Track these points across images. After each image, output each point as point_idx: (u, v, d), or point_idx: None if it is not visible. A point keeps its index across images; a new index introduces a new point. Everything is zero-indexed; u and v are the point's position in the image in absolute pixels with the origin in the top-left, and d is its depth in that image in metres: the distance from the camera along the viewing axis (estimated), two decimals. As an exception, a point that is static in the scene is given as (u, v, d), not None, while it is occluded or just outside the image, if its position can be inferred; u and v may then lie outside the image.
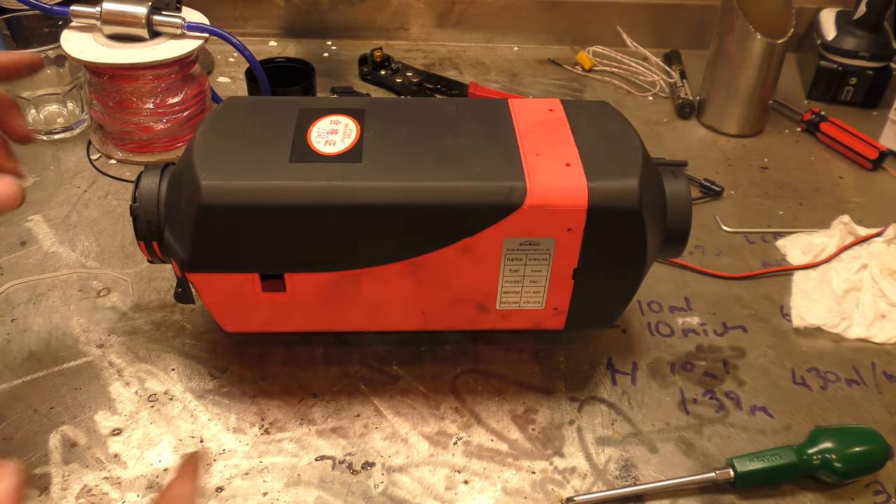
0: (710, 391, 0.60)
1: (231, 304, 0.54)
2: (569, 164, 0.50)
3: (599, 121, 0.55)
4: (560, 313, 0.55)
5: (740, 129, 0.90)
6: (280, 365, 0.60)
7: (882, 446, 0.53)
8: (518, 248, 0.51)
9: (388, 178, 0.49)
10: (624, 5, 1.04)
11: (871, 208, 0.80)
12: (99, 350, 0.60)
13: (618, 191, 0.49)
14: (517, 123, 0.54)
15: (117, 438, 0.54)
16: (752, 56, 0.85)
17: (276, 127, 0.52)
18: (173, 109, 0.78)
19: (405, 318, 0.55)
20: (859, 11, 0.93)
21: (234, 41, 0.78)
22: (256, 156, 0.50)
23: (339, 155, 0.50)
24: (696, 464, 0.54)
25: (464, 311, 0.55)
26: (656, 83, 0.98)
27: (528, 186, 0.49)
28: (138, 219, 0.52)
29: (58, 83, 0.81)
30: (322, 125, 0.53)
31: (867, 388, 0.61)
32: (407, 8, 1.04)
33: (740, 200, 0.80)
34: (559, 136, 0.53)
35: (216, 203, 0.48)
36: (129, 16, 0.75)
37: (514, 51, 1.06)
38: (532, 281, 0.53)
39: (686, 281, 0.70)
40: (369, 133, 0.52)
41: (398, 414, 0.57)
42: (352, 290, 0.53)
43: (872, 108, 0.95)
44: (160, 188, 0.53)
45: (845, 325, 0.65)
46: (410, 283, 0.52)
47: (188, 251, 0.50)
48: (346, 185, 0.49)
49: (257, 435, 0.55)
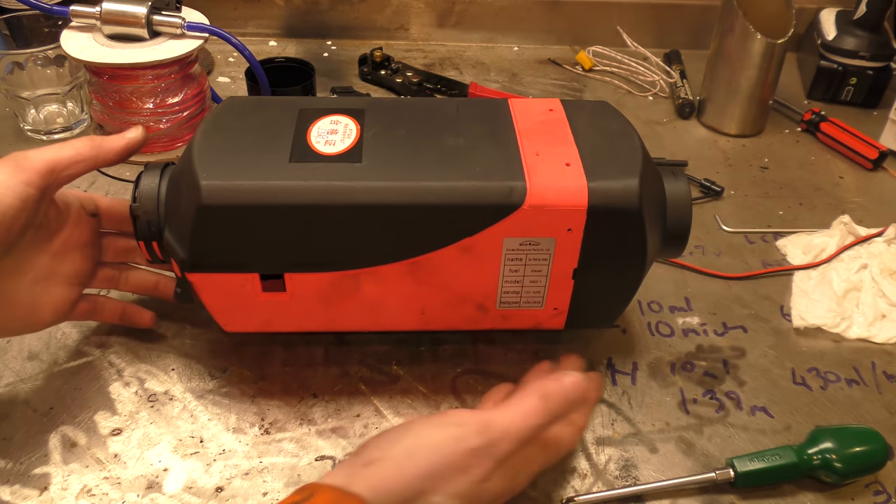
0: (710, 391, 0.60)
1: (231, 304, 0.54)
2: (569, 164, 0.50)
3: (599, 121, 0.55)
4: (560, 313, 0.55)
5: (740, 129, 0.90)
6: (280, 365, 0.60)
7: (882, 446, 0.53)
8: (518, 248, 0.51)
9: (388, 178, 0.49)
10: (624, 5, 1.04)
11: (871, 208, 0.80)
12: (99, 350, 0.60)
13: (618, 191, 0.49)
14: (517, 123, 0.54)
15: (117, 438, 0.54)
16: (752, 56, 0.85)
17: (276, 127, 0.52)
18: (173, 109, 0.78)
19: (405, 318, 0.55)
20: (859, 11, 0.93)
21: (234, 41, 0.78)
22: (256, 156, 0.50)
23: (339, 155, 0.50)
24: (696, 464, 0.54)
25: (464, 311, 0.55)
26: (656, 83, 0.98)
27: (528, 186, 0.49)
28: (138, 219, 0.52)
29: (58, 83, 0.81)
30: (322, 125, 0.53)
31: (867, 388, 0.61)
32: (407, 8, 1.04)
33: (740, 200, 0.80)
34: (559, 136, 0.53)
35: (216, 203, 0.48)
36: (129, 16, 0.75)
37: (514, 51, 1.06)
38: (532, 281, 0.53)
39: (686, 281, 0.70)
40: (369, 133, 0.52)
41: (398, 414, 0.57)
42: (352, 290, 0.53)
43: (872, 108, 0.96)
44: (160, 188, 0.52)
45: (845, 325, 0.65)
46: (410, 283, 0.52)
47: (188, 251, 0.50)
48: (346, 185, 0.49)
49: (257, 435, 0.55)
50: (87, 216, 0.57)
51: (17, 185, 0.48)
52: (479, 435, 0.40)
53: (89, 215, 0.57)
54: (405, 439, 0.40)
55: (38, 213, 0.51)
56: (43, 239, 0.53)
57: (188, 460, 0.53)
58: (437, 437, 0.40)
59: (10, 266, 0.51)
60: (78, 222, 0.56)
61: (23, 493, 0.50)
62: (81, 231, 0.56)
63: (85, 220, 0.56)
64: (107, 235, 0.59)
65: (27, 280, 0.53)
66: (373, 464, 0.38)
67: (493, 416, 0.42)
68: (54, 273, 0.54)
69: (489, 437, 0.40)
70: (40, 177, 0.49)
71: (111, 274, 0.60)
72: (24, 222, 0.49)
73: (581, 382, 0.46)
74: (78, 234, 0.56)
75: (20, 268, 0.52)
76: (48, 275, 0.54)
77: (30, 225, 0.51)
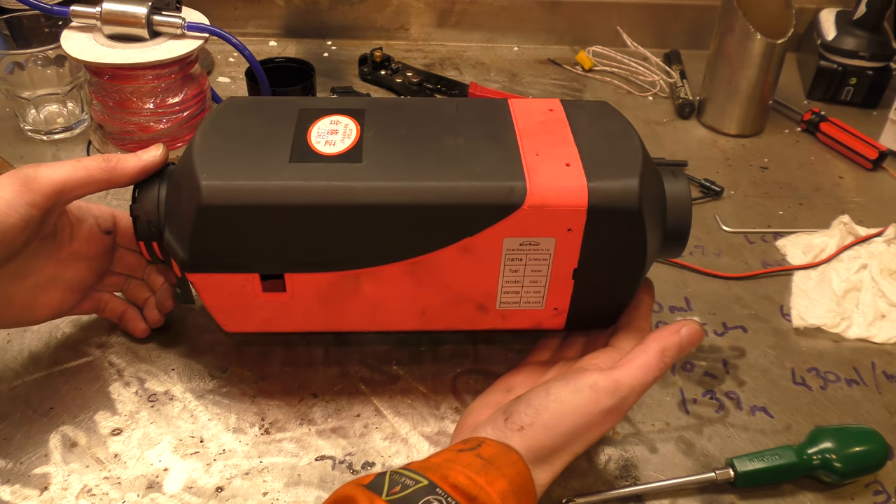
0: (710, 391, 0.60)
1: (231, 304, 0.54)
2: (569, 165, 0.50)
3: (599, 121, 0.55)
4: (560, 313, 0.55)
5: (740, 129, 0.90)
6: (280, 365, 0.60)
7: (882, 446, 0.53)
8: (518, 248, 0.51)
9: (387, 178, 0.49)
10: (624, 5, 1.04)
11: (871, 208, 0.80)
12: (99, 350, 0.60)
13: (618, 191, 0.49)
14: (517, 123, 0.54)
15: (117, 438, 0.54)
16: (752, 56, 0.85)
17: (276, 127, 0.52)
18: (173, 109, 0.78)
19: (405, 318, 0.55)
20: (859, 11, 0.93)
21: (234, 41, 0.78)
22: (256, 156, 0.50)
23: (339, 155, 0.50)
24: (696, 464, 0.54)
25: (464, 311, 0.55)
26: (656, 83, 0.98)
27: (528, 186, 0.49)
28: (138, 219, 0.52)
29: (58, 83, 0.81)
30: (322, 125, 0.53)
31: (867, 388, 0.61)
32: (407, 8, 1.04)
33: (740, 200, 0.80)
34: (559, 136, 0.53)
35: (216, 203, 0.48)
36: (129, 16, 0.75)
37: (514, 51, 1.06)
38: (532, 281, 0.53)
39: (686, 281, 0.70)
40: (369, 133, 0.52)
41: (398, 414, 0.57)
42: (352, 290, 0.53)
43: (872, 108, 0.96)
44: (160, 188, 0.53)
45: (845, 325, 0.65)
46: (410, 283, 0.52)
47: (188, 251, 0.50)
48: (346, 185, 0.49)
49: (257, 435, 0.55)
50: (101, 233, 0.57)
51: (22, 207, 0.48)
52: (611, 396, 0.46)
53: (103, 232, 0.57)
54: (550, 406, 0.46)
55: (44, 226, 0.51)
56: (49, 247, 0.54)
57: (188, 460, 0.53)
58: (576, 401, 0.46)
59: (13, 270, 0.52)
60: (89, 238, 0.56)
61: (23, 493, 0.50)
62: (91, 246, 0.56)
63: (97, 235, 0.57)
64: (119, 248, 0.59)
65: (27, 284, 0.53)
66: (525, 429, 0.46)
67: (621, 377, 0.47)
68: (56, 279, 0.55)
69: (619, 397, 0.47)
70: (46, 199, 0.49)
71: (117, 281, 0.60)
72: (25, 239, 0.50)
73: (697, 332, 0.50)
74: (87, 248, 0.56)
75: (22, 272, 0.52)
76: (49, 279, 0.54)
77: (34, 237, 0.51)
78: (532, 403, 0.47)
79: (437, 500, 0.40)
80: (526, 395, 0.48)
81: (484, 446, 0.44)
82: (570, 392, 0.47)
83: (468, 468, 0.42)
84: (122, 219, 0.58)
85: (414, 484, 0.41)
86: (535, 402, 0.47)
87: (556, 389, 0.47)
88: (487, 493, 0.41)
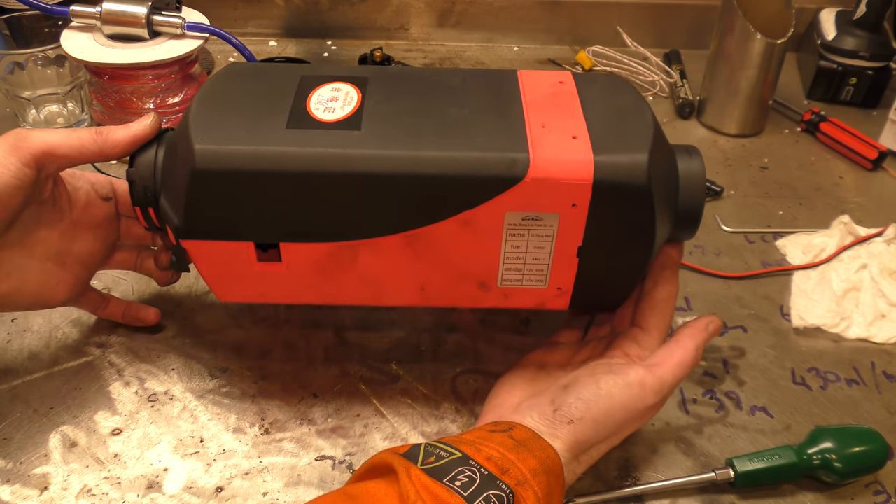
0: (710, 391, 0.60)
1: (226, 273, 0.52)
2: (575, 137, 0.48)
3: (611, 95, 0.53)
4: (564, 293, 0.53)
5: (740, 129, 0.90)
6: (280, 365, 0.60)
7: (882, 446, 0.53)
8: (520, 222, 0.49)
9: (386, 147, 0.47)
10: (624, 5, 1.04)
11: (870, 208, 0.80)
12: (99, 350, 0.60)
13: (626, 166, 0.47)
14: (525, 95, 0.52)
15: (117, 438, 0.54)
16: (752, 56, 0.85)
17: (276, 93, 0.51)
18: (173, 109, 0.78)
19: (404, 293, 0.53)
20: (859, 11, 0.93)
21: (234, 41, 0.78)
22: (253, 121, 0.49)
23: (338, 122, 0.49)
24: (696, 464, 0.54)
25: (464, 287, 0.53)
26: (656, 83, 0.98)
27: (531, 158, 0.47)
28: (134, 184, 0.51)
29: (58, 83, 0.81)
30: (323, 92, 0.51)
31: (867, 388, 0.61)
32: (407, 8, 1.04)
33: (740, 200, 0.80)
34: (568, 108, 0.51)
35: (210, 168, 0.47)
36: (129, 16, 0.75)
37: (514, 51, 1.06)
38: (535, 258, 0.51)
39: (686, 281, 0.69)
40: (371, 101, 0.51)
41: (398, 414, 0.57)
42: (349, 262, 0.51)
43: (872, 108, 0.95)
44: (157, 153, 0.52)
45: (845, 325, 0.65)
46: (409, 256, 0.50)
47: (182, 217, 0.49)
48: (343, 152, 0.47)
49: (257, 435, 0.55)
50: (100, 199, 0.57)
51: (13, 164, 0.48)
52: (655, 394, 0.49)
53: (102, 199, 0.57)
54: (601, 402, 0.48)
55: (39, 190, 0.51)
56: (49, 215, 0.53)
57: (188, 460, 0.53)
58: (626, 397, 0.48)
59: (16, 238, 0.52)
60: (88, 205, 0.56)
61: (23, 493, 0.50)
62: (92, 213, 0.56)
63: (96, 202, 0.56)
64: (124, 219, 0.59)
65: (37, 255, 0.53)
66: (574, 422, 0.47)
67: (664, 375, 0.49)
68: (67, 252, 0.55)
69: (662, 395, 0.49)
70: (36, 158, 0.49)
71: (127, 257, 0.60)
72: (22, 199, 0.50)
73: (720, 328, 0.54)
74: (89, 216, 0.56)
75: (26, 241, 0.52)
76: (60, 253, 0.54)
77: (30, 201, 0.51)
78: (582, 397, 0.48)
79: (470, 470, 0.41)
80: (575, 388, 0.49)
81: (516, 430, 0.46)
82: (620, 388, 0.48)
83: (501, 446, 0.44)
84: (120, 186, 0.58)
85: (448, 455, 0.42)
86: (586, 396, 0.48)
87: (605, 383, 0.48)
88: (518, 468, 0.42)
